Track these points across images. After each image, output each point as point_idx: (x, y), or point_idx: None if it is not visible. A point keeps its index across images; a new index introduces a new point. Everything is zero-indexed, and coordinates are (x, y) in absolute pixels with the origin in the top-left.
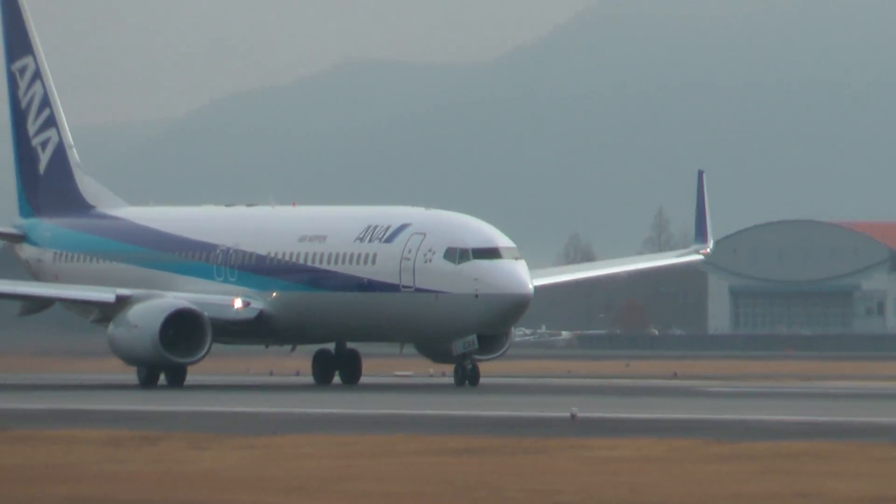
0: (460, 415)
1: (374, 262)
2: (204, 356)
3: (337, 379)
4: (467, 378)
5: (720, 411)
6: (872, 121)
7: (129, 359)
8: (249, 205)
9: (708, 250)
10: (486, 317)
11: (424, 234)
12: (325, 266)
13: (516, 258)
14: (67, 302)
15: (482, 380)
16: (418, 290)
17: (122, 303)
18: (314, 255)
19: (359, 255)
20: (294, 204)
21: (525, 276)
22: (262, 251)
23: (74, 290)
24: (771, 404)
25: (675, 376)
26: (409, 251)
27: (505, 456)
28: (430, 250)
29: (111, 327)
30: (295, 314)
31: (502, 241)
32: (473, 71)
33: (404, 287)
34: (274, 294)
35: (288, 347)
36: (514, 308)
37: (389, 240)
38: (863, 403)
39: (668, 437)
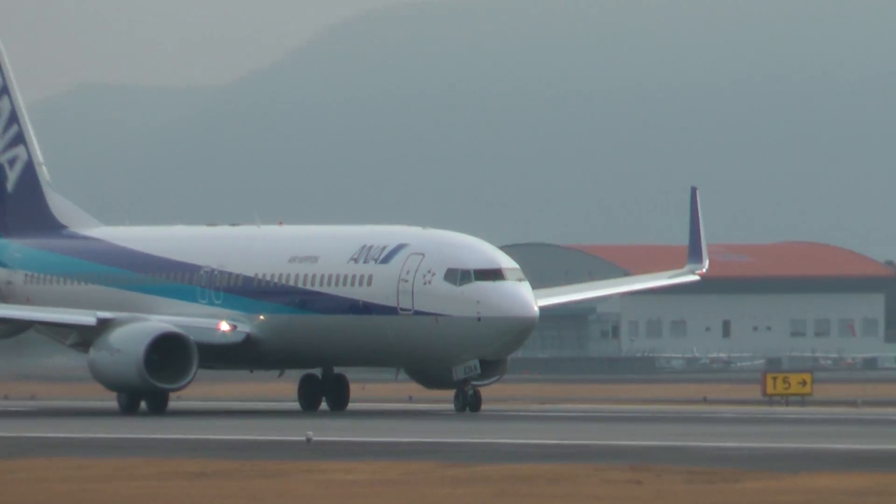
0: (196, 438)
1: (369, 283)
2: (189, 382)
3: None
4: (468, 404)
5: (456, 434)
6: (620, 155)
7: (112, 384)
8: (233, 224)
9: (704, 270)
10: (489, 341)
11: (423, 255)
12: (316, 288)
13: (520, 279)
14: (45, 325)
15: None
16: (417, 312)
17: (104, 326)
18: (305, 276)
19: (353, 277)
20: (281, 223)
21: (530, 298)
22: (250, 272)
23: (53, 312)
24: (507, 427)
25: (409, 400)
26: (408, 272)
27: (240, 480)
28: (429, 271)
29: (92, 352)
30: (284, 337)
31: (505, 261)
32: (211, 92)
33: (403, 310)
34: (262, 317)
35: (275, 373)
36: (520, 331)
37: (386, 260)
38: (598, 426)
39: (405, 460)
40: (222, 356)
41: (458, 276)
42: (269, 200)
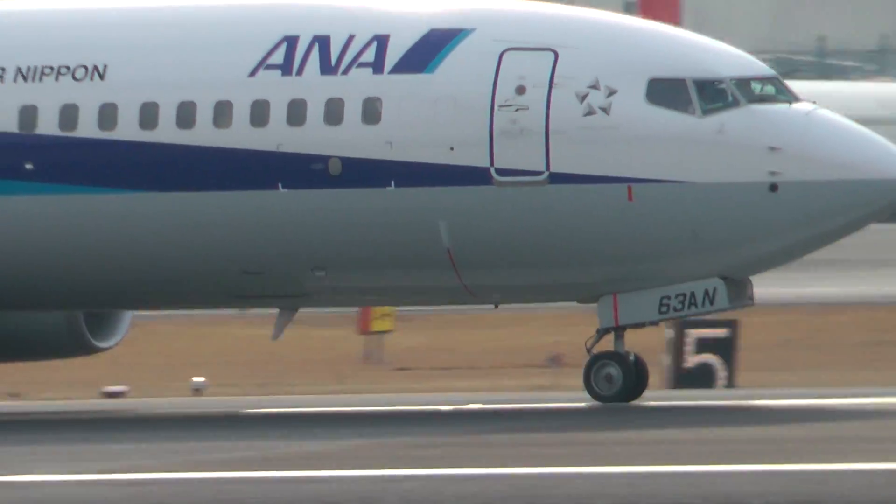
0: None
1: (375, 118)
2: None
3: None
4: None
5: None
6: None
7: None
8: None
9: None
10: (797, 233)
11: (554, 52)
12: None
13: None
14: None
15: None
16: (570, 177)
17: None
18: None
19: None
20: None
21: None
22: None
23: None
24: None
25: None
26: (518, 89)
27: None
28: (593, 85)
29: None
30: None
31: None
32: None
33: (507, 173)
34: None
35: None
36: (879, 209)
37: (422, 65)
38: None
39: None
40: None
41: (694, 92)
42: None
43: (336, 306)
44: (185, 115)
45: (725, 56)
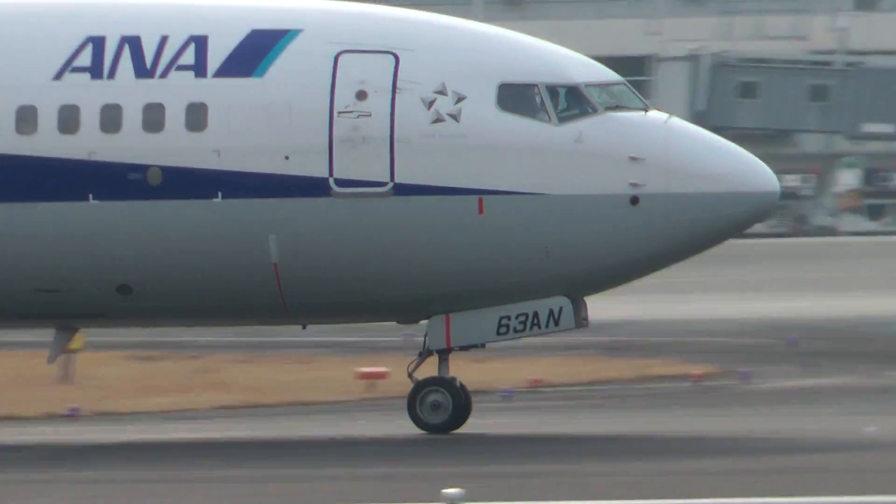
0: None
1: (199, 126)
2: None
3: None
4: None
5: None
6: None
7: None
8: None
9: None
10: (658, 247)
11: (392, 55)
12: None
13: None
14: None
15: None
16: (417, 188)
17: None
18: None
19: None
20: None
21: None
22: None
23: None
24: None
25: None
26: (358, 94)
27: None
28: (440, 90)
29: None
30: None
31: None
32: None
33: (346, 184)
34: None
35: None
36: (743, 223)
37: (250, 67)
38: None
39: None
40: None
41: (548, 98)
42: None
43: (143, 327)
44: None
45: (576, 61)
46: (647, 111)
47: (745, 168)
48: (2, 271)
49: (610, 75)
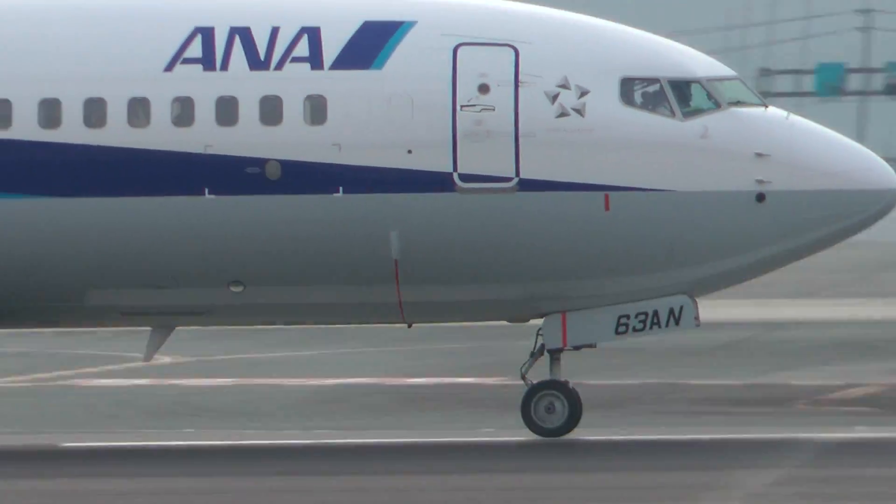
0: None
1: (319, 119)
2: None
3: None
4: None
5: None
6: None
7: None
8: None
9: None
10: (782, 244)
11: (513, 48)
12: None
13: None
14: None
15: None
16: (540, 184)
17: None
18: None
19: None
20: None
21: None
22: None
23: None
24: None
25: None
26: (480, 88)
27: None
28: (563, 83)
29: None
30: None
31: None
32: None
33: (470, 179)
34: None
35: None
36: (869, 220)
37: (367, 60)
38: None
39: None
40: None
41: (671, 93)
42: None
43: (251, 325)
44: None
45: (695, 55)
46: (766, 107)
47: (866, 165)
48: (111, 267)
49: (727, 70)
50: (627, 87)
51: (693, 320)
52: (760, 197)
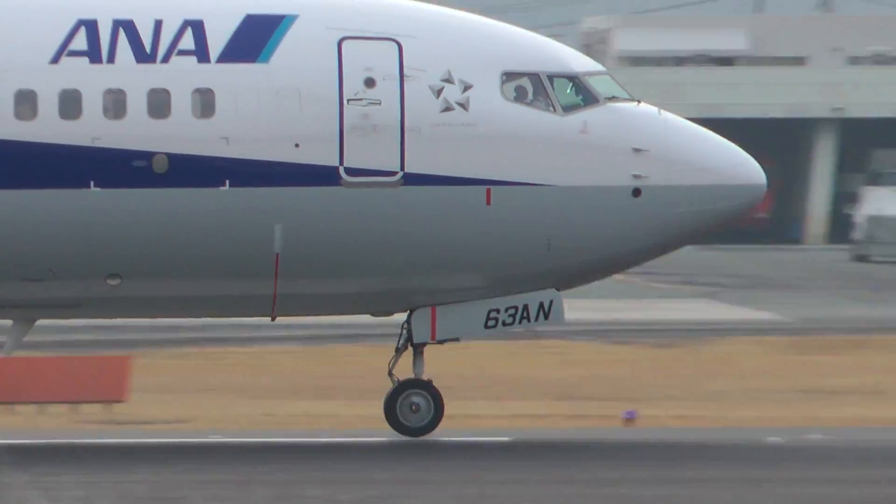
0: None
1: (207, 112)
2: None
3: None
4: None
5: None
6: None
7: None
8: None
9: None
10: (654, 239)
11: (395, 42)
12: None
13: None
14: None
15: None
16: (421, 177)
17: None
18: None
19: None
20: None
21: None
22: None
23: None
24: None
25: None
26: (366, 82)
27: None
28: (446, 77)
29: None
30: None
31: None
32: None
33: (356, 173)
34: None
35: None
36: (738, 214)
37: (251, 52)
38: None
39: None
40: None
41: (550, 88)
42: None
43: (127, 317)
44: None
45: (571, 51)
46: (638, 102)
47: (736, 161)
48: None
49: (598, 65)
50: (508, 82)
51: (562, 314)
52: (636, 192)
